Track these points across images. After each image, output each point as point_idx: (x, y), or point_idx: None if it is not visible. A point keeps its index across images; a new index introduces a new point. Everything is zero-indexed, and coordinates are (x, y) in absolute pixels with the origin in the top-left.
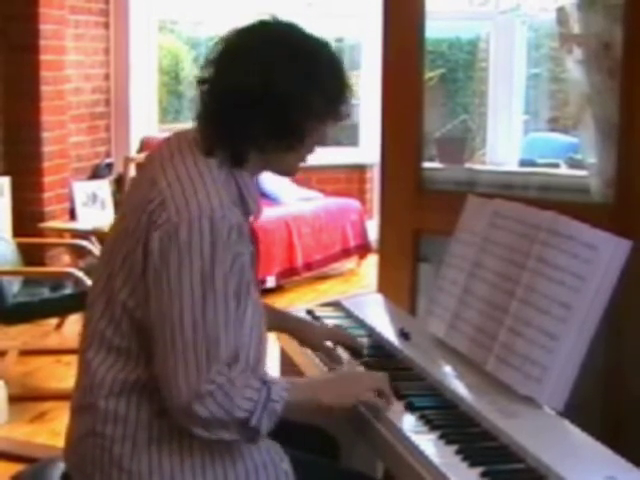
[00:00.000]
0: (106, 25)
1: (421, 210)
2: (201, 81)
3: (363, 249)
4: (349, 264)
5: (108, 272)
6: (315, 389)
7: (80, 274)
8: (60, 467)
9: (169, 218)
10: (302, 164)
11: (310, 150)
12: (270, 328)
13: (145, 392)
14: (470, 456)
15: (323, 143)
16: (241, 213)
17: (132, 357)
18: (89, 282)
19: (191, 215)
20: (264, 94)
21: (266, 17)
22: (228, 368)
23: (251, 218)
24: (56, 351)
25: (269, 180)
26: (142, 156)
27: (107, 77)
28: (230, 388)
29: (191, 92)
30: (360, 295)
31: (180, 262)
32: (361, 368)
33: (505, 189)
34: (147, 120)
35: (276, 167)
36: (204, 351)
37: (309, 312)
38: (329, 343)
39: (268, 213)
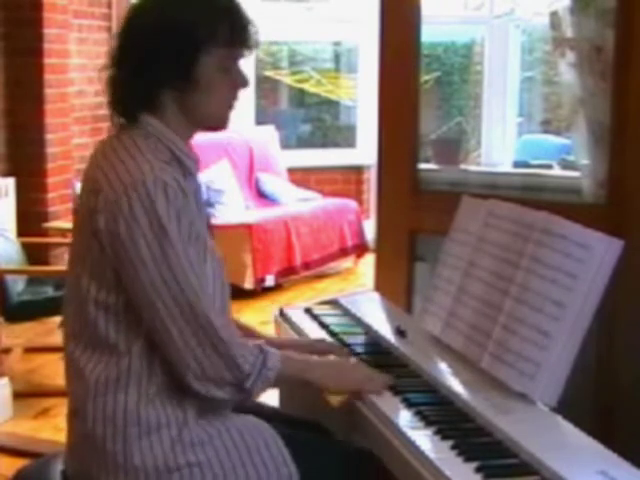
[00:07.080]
0: (109, 29)
1: (417, 210)
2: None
3: (360, 248)
4: (346, 263)
5: (74, 274)
6: (310, 366)
7: None
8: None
9: (107, 198)
10: (230, 110)
11: (233, 93)
12: None
13: (130, 385)
14: (465, 451)
15: (244, 83)
16: (180, 173)
17: (109, 351)
18: None
19: (125, 187)
20: (164, 29)
21: None
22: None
23: (195, 173)
24: (60, 348)
25: (269, 181)
26: None
27: None
28: (228, 348)
29: None
30: (357, 293)
31: (131, 233)
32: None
33: (499, 190)
34: None
35: (199, 113)
36: (186, 305)
37: (307, 310)
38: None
39: (267, 213)
